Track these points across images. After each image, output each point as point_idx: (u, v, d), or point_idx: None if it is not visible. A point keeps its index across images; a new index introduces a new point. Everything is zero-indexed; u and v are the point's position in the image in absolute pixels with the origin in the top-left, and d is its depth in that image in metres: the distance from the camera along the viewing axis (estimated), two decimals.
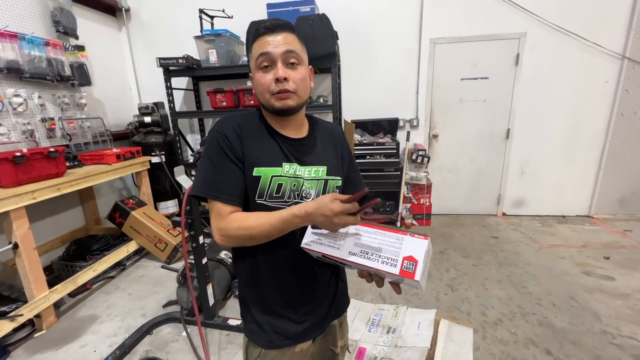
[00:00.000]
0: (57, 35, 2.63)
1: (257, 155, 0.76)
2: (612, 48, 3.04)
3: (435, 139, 3.55)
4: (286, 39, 0.74)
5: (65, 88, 2.70)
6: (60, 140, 2.61)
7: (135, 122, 3.24)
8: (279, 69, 0.72)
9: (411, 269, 0.61)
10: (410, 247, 0.63)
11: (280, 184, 0.76)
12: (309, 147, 0.84)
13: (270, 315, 0.83)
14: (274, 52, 0.72)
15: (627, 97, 3.13)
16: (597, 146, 3.32)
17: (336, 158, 0.89)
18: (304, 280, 0.84)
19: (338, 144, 0.92)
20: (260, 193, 0.76)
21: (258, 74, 0.75)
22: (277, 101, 0.74)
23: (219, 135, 0.76)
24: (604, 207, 3.45)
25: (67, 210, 2.89)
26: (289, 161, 0.78)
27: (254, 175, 0.75)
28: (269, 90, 0.74)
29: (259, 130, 0.80)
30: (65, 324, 2.08)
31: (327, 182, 0.83)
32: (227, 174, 0.75)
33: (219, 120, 0.79)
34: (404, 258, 0.62)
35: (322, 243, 0.71)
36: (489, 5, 3.09)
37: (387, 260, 0.63)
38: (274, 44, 0.72)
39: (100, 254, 2.59)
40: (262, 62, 0.73)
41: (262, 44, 0.73)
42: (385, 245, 0.66)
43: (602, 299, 2.11)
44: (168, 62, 2.98)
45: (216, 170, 0.75)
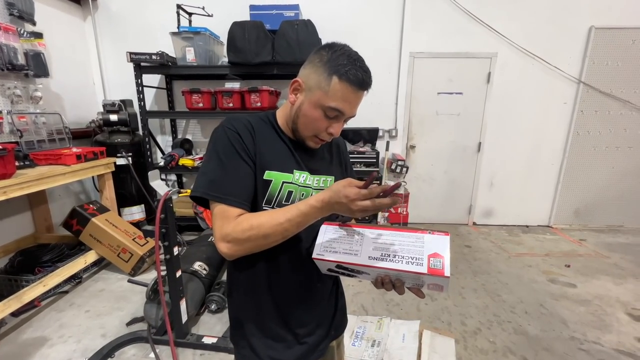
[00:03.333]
0: (10, 19, 2.34)
1: (269, 158, 0.71)
2: (570, 72, 3.33)
3: (412, 149, 3.64)
4: (361, 100, 0.71)
5: (17, 78, 2.40)
6: (9, 137, 2.31)
7: (99, 120, 2.97)
8: (338, 127, 0.71)
9: (439, 265, 0.58)
10: (433, 244, 0.61)
11: (291, 191, 0.73)
12: (319, 156, 0.81)
13: (267, 337, 0.77)
14: (347, 114, 0.70)
15: (582, 118, 3.43)
16: (556, 161, 3.60)
17: (341, 169, 0.88)
18: (305, 295, 0.79)
19: (342, 154, 0.91)
20: (269, 199, 0.71)
21: (317, 112, 0.69)
22: (313, 143, 0.75)
23: (230, 132, 0.69)
24: (561, 218, 3.73)
25: (12, 216, 2.55)
26: (300, 169, 0.75)
27: (264, 178, 0.70)
28: (315, 132, 0.72)
29: (272, 133, 0.75)
30: (7, 349, 1.80)
31: None
32: (238, 174, 0.68)
33: (228, 118, 0.73)
34: (429, 256, 0.60)
35: (336, 251, 0.65)
36: (465, 25, 3.25)
37: (412, 260, 0.60)
38: (354, 104, 0.69)
39: (52, 265, 2.29)
40: (331, 112, 0.68)
41: (345, 97, 0.67)
42: (406, 245, 0.62)
43: (567, 305, 2.24)
44: (140, 58, 2.77)
45: (225, 170, 0.67)
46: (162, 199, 1.52)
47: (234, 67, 2.84)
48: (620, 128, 3.44)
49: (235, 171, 0.67)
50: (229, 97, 2.95)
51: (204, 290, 2.09)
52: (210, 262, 2.29)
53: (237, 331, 0.80)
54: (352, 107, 0.69)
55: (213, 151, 0.69)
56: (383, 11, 3.25)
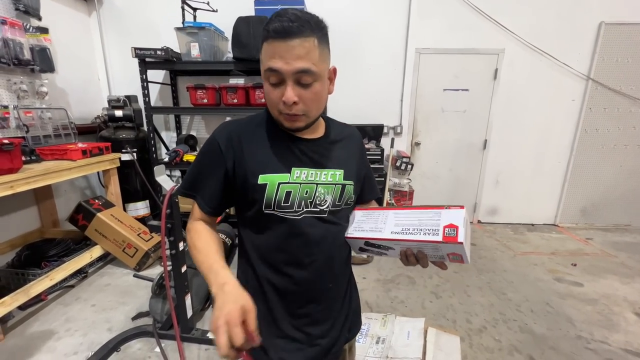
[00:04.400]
0: (16, 14, 2.34)
1: (262, 161, 0.70)
2: (579, 69, 3.28)
3: (417, 146, 3.61)
4: (301, 50, 0.60)
5: (23, 73, 2.41)
6: (15, 132, 2.32)
7: (104, 116, 2.97)
8: (287, 92, 0.62)
9: (453, 233, 0.63)
10: (449, 217, 0.66)
11: (289, 191, 0.69)
12: (325, 148, 0.77)
13: (278, 338, 0.75)
14: (284, 69, 0.60)
15: (590, 115, 3.38)
16: (563, 159, 3.55)
17: (354, 162, 0.81)
18: (318, 296, 0.76)
19: (357, 147, 0.85)
20: (268, 203, 0.69)
21: (266, 85, 0.65)
22: (285, 122, 0.68)
23: (213, 142, 0.73)
24: (568, 216, 3.69)
25: (19, 211, 2.56)
26: (301, 165, 0.71)
27: (259, 183, 0.69)
28: (277, 109, 0.66)
29: (267, 133, 0.73)
30: (14, 342, 1.81)
31: (344, 187, 0.76)
32: (207, 181, 0.74)
33: (223, 125, 0.75)
34: (445, 226, 0.65)
35: (363, 229, 0.74)
36: (472, 21, 3.21)
37: (429, 231, 0.66)
38: (285, 58, 0.60)
39: (58, 260, 2.31)
40: (271, 77, 0.63)
41: (271, 53, 0.61)
42: (424, 220, 0.68)
43: (574, 304, 2.22)
44: (145, 53, 2.76)
45: (199, 174, 0.75)
46: (168, 194, 1.52)
47: (238, 62, 2.83)
48: (629, 126, 3.39)
49: (206, 178, 0.74)
50: (234, 93, 2.94)
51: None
52: None
53: None
54: (286, 61, 0.59)
55: (199, 155, 0.76)
56: (389, 6, 3.22)
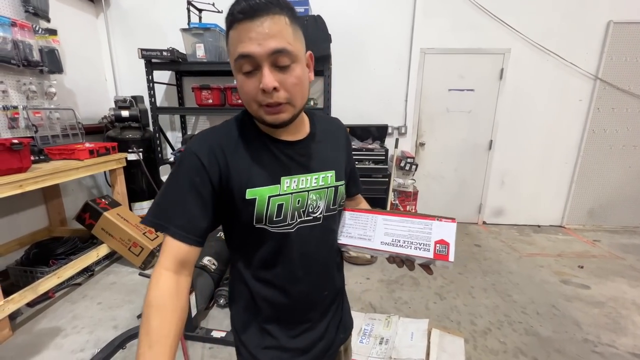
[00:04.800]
0: (25, 16, 2.38)
1: (249, 175, 0.62)
2: (587, 69, 3.23)
3: (422, 147, 3.60)
4: (273, 28, 0.53)
5: (32, 74, 2.45)
6: (24, 132, 2.36)
7: (111, 116, 3.00)
8: (265, 77, 0.55)
9: (444, 251, 0.63)
10: (440, 231, 0.65)
11: (281, 204, 0.64)
12: (313, 148, 0.70)
13: (272, 348, 0.71)
14: (257, 52, 0.54)
15: (598, 115, 3.34)
16: (570, 160, 3.51)
17: (343, 160, 0.77)
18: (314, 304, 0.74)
19: (344, 143, 0.80)
20: (258, 218, 0.63)
21: (239, 77, 0.58)
22: (268, 115, 0.59)
23: (191, 157, 0.61)
24: (575, 218, 3.64)
25: (28, 210, 2.61)
26: (290, 173, 0.65)
27: (247, 198, 0.62)
28: (256, 101, 0.58)
29: (248, 141, 0.65)
30: (22, 338, 1.84)
31: (337, 189, 0.72)
32: (187, 205, 0.60)
33: (197, 137, 0.65)
34: (436, 242, 0.64)
35: (352, 236, 0.73)
36: (477, 20, 3.19)
37: (420, 246, 0.65)
38: (257, 39, 0.53)
39: (65, 258, 2.34)
40: (244, 66, 0.56)
41: (239, 37, 0.54)
42: (415, 232, 0.67)
43: (580, 307, 2.19)
44: (151, 54, 2.80)
45: (176, 198, 0.60)
46: None
47: None
48: (639, 126, 3.34)
49: (186, 199, 0.60)
50: None
51: (213, 285, 2.11)
52: (219, 257, 2.31)
53: (240, 341, 0.73)
54: (258, 42, 0.53)
55: (173, 175, 0.62)
56: (394, 6, 3.21)
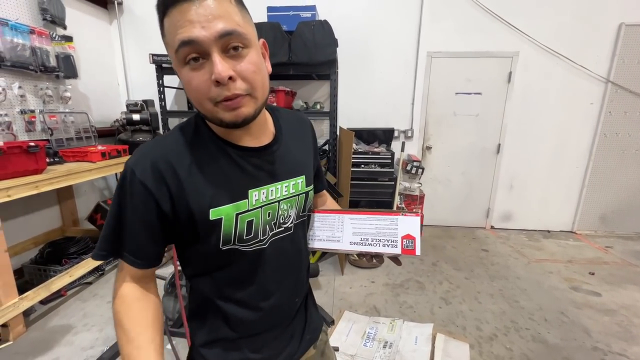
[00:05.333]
0: (43, 24, 2.48)
1: (210, 192, 0.53)
2: (598, 72, 3.18)
3: (428, 150, 3.58)
4: (219, 8, 0.45)
5: (48, 79, 2.54)
6: (40, 135, 2.45)
7: (123, 119, 3.09)
8: (216, 65, 0.45)
9: (411, 246, 0.65)
10: (406, 225, 0.66)
11: (250, 221, 0.56)
12: (281, 154, 0.62)
13: None
14: (203, 37, 0.45)
15: (610, 119, 3.27)
16: (581, 164, 3.45)
17: (311, 160, 0.71)
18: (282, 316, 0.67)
19: (310, 138, 0.73)
20: (226, 240, 0.55)
21: (185, 71, 0.48)
22: (226, 112, 0.49)
23: (133, 181, 0.52)
24: (586, 223, 3.57)
25: (42, 210, 2.69)
26: (258, 185, 0.57)
27: (211, 219, 0.53)
28: (209, 98, 0.48)
29: (204, 151, 0.55)
30: (35, 335, 1.90)
31: (307, 195, 0.67)
32: (134, 232, 0.54)
33: (136, 154, 0.54)
34: (402, 237, 0.66)
35: (321, 239, 0.73)
36: (485, 24, 3.17)
37: (387, 243, 0.67)
38: (200, 22, 0.44)
39: (78, 257, 2.41)
40: (188, 56, 0.46)
41: (179, 22, 0.45)
42: (381, 228, 0.68)
43: (590, 314, 2.14)
44: (161, 59, 2.87)
45: (121, 226, 0.54)
46: None
47: None
48: None
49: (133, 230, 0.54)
50: None
51: None
52: None
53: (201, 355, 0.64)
54: (200, 27, 0.44)
55: (113, 201, 0.55)
56: (400, 10, 3.22)
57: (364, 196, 3.33)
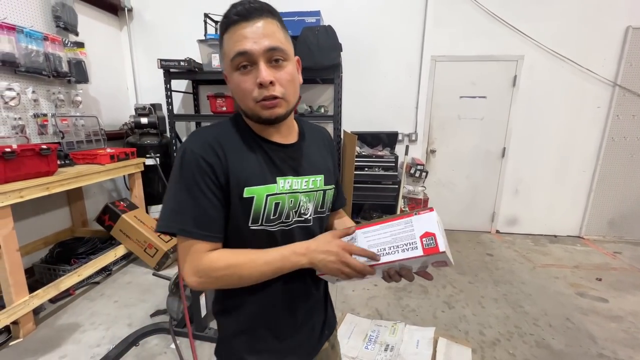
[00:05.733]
0: (56, 31, 2.56)
1: (246, 173, 0.63)
2: (605, 75, 3.15)
3: (432, 154, 3.58)
4: (267, 29, 0.59)
5: (61, 84, 2.62)
6: (52, 138, 2.52)
7: (131, 123, 3.16)
8: (262, 71, 0.58)
9: (432, 244, 0.59)
10: (422, 224, 0.61)
11: (278, 203, 0.65)
12: (302, 153, 0.72)
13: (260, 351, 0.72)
14: (254, 49, 0.58)
15: (617, 123, 3.23)
16: (588, 169, 3.41)
17: (331, 166, 0.79)
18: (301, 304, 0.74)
19: (329, 148, 0.82)
20: (255, 218, 0.63)
21: (235, 76, 0.61)
22: (264, 110, 0.62)
23: (194, 157, 0.61)
24: (594, 228, 3.51)
25: (53, 211, 2.77)
26: (284, 174, 0.67)
27: (245, 197, 0.62)
28: (252, 97, 0.61)
29: (243, 141, 0.66)
30: (44, 332, 1.95)
31: (325, 192, 0.73)
32: (206, 205, 0.61)
33: (192, 136, 0.64)
34: (421, 237, 0.60)
35: None
36: (489, 28, 3.18)
37: (407, 247, 0.61)
38: (253, 38, 0.58)
39: (86, 257, 2.47)
40: (240, 63, 0.60)
41: (236, 38, 0.59)
42: (397, 233, 0.63)
43: (597, 320, 2.11)
44: (169, 64, 2.94)
45: (191, 201, 0.60)
46: None
47: None
48: None
49: (204, 202, 0.61)
50: None
51: None
52: None
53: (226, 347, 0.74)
54: (254, 40, 0.58)
55: (177, 178, 0.62)
56: (404, 15, 3.25)
57: (368, 199, 3.34)
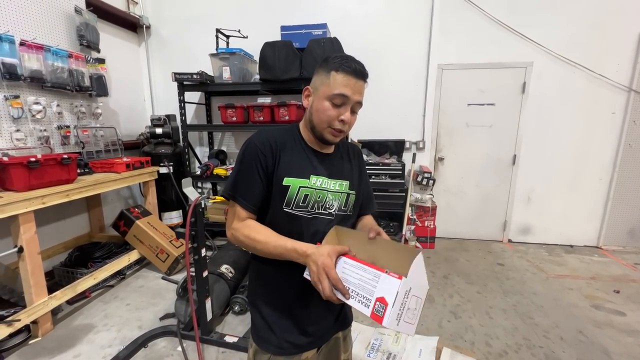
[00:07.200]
0: (80, 48, 2.75)
1: (288, 167, 0.83)
2: (619, 80, 3.07)
3: (441, 161, 3.56)
4: (362, 89, 0.81)
5: (83, 98, 2.79)
6: (74, 148, 2.68)
7: (147, 133, 3.32)
8: (347, 112, 0.80)
9: (381, 312, 0.56)
10: (384, 286, 0.58)
11: (307, 194, 0.83)
12: (336, 162, 0.92)
13: (281, 320, 0.88)
14: (353, 98, 0.79)
15: (634, 129, 3.13)
16: (605, 176, 3.30)
17: (357, 175, 0.96)
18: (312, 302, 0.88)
19: (358, 160, 1.00)
20: (288, 202, 0.82)
21: (325, 104, 0.80)
22: (331, 135, 0.83)
23: (254, 147, 0.83)
24: (613, 238, 3.38)
25: (73, 217, 2.92)
26: (318, 174, 0.85)
27: (283, 184, 0.81)
28: (330, 124, 0.81)
29: (295, 144, 0.87)
30: (61, 332, 2.06)
31: (348, 195, 0.91)
32: (251, 183, 0.82)
33: (258, 133, 0.86)
34: (376, 299, 0.58)
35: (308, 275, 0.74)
36: (496, 36, 3.17)
37: (363, 300, 0.61)
38: (354, 90, 0.79)
39: (102, 261, 2.58)
40: (336, 99, 0.78)
41: (344, 83, 0.78)
42: (364, 282, 0.62)
43: (612, 334, 2.03)
44: (183, 77, 3.09)
45: (243, 177, 0.83)
46: (193, 204, 1.68)
47: (265, 83, 3.04)
48: None
49: (250, 180, 0.82)
50: (260, 111, 3.15)
51: (229, 292, 2.22)
52: (236, 265, 2.43)
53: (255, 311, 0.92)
54: (354, 92, 0.78)
55: (239, 160, 0.85)
56: (410, 25, 3.29)
57: None
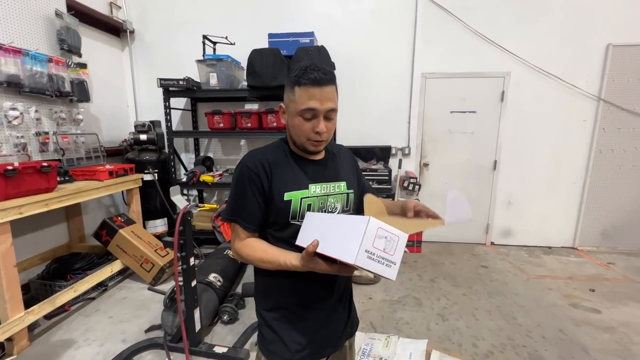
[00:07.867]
0: (60, 53, 2.67)
1: (285, 182, 0.84)
2: (589, 90, 3.27)
3: (426, 167, 3.65)
4: (330, 94, 0.79)
5: (63, 103, 2.71)
6: (53, 155, 2.58)
7: (130, 139, 3.24)
8: (320, 123, 0.80)
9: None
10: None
11: (310, 204, 0.86)
12: (329, 165, 0.94)
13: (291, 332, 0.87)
14: (321, 109, 0.78)
15: (604, 135, 3.33)
16: (578, 180, 3.48)
17: (352, 174, 1.00)
18: (329, 294, 0.91)
19: (351, 160, 1.04)
20: (293, 215, 0.84)
21: (297, 119, 0.81)
22: (312, 146, 0.84)
23: (247, 170, 0.84)
24: (587, 239, 3.55)
25: (51, 226, 2.80)
26: (315, 182, 0.88)
27: (285, 200, 0.83)
28: (307, 137, 0.82)
29: (287, 159, 0.88)
30: (38, 349, 1.95)
31: (348, 195, 0.94)
32: (247, 205, 0.84)
33: (250, 154, 0.88)
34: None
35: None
36: (476, 46, 3.32)
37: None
38: (322, 99, 0.78)
39: (82, 273, 2.48)
40: (306, 114, 0.79)
41: (308, 96, 0.78)
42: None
43: (589, 332, 2.12)
44: (168, 83, 3.04)
45: (239, 200, 0.85)
46: (181, 213, 1.65)
47: (252, 90, 3.05)
48: None
49: (246, 204, 0.84)
50: (248, 117, 3.14)
51: (217, 301, 2.19)
52: (225, 274, 2.39)
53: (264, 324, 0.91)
54: (322, 102, 0.78)
55: (234, 183, 0.87)
56: (394, 35, 3.39)
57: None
